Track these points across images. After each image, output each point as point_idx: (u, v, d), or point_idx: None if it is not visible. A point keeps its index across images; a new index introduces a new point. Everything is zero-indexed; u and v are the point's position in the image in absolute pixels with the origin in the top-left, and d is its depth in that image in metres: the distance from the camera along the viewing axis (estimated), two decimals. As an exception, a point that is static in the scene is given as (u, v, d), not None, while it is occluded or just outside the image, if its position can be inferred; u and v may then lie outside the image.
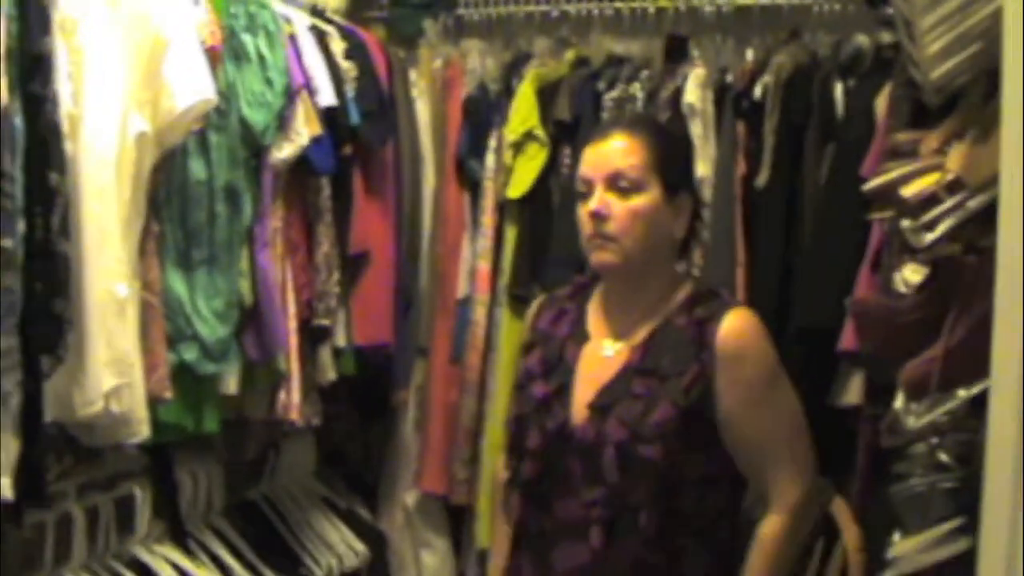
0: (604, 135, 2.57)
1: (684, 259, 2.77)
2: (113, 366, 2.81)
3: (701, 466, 2.46)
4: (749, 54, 3.71)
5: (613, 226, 2.47)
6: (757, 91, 3.54)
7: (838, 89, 3.49)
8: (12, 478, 2.57)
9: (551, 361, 2.63)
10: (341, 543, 3.96)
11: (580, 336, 2.63)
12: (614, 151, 2.51)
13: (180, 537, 3.49)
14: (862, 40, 3.53)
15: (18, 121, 2.55)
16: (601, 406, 2.48)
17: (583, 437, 2.48)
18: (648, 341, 2.51)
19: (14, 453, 2.58)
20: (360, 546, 4.00)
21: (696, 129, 3.59)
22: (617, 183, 2.48)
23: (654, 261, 2.54)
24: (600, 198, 2.48)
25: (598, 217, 2.48)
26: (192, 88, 2.94)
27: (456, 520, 4.23)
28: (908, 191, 2.15)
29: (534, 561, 2.57)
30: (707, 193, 3.56)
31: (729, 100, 3.61)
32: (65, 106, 2.70)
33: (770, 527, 2.49)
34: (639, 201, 2.48)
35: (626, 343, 2.54)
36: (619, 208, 2.47)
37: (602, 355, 2.56)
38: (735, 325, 2.48)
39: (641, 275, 2.54)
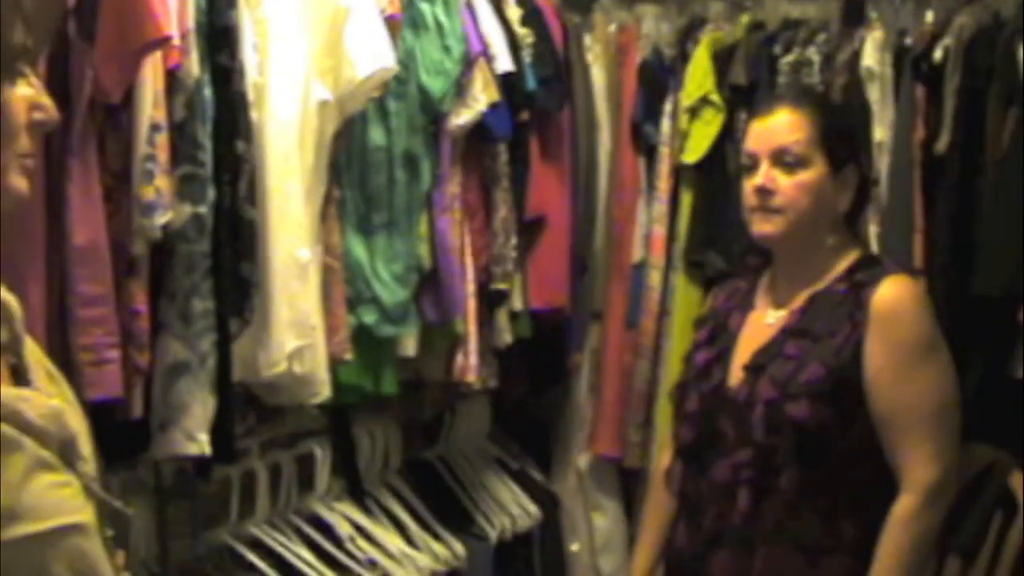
0: (770, 109, 2.57)
1: (853, 230, 2.72)
2: (295, 328, 2.90)
3: (849, 433, 2.43)
4: (929, 16, 3.62)
5: (778, 200, 2.48)
6: (937, 54, 3.46)
7: (1021, 51, 3.40)
8: (208, 434, 2.68)
9: (716, 330, 2.65)
10: (514, 504, 4.01)
11: (746, 306, 2.65)
12: (779, 126, 2.52)
13: (358, 495, 3.58)
14: (1049, -1, 3.43)
15: (207, 92, 2.64)
16: (754, 366, 2.50)
17: (736, 397, 2.50)
18: (806, 305, 2.52)
19: (211, 411, 2.69)
20: (533, 507, 4.05)
21: (874, 93, 3.54)
22: (782, 159, 2.49)
23: (817, 234, 2.53)
24: (765, 173, 2.49)
25: (763, 192, 2.49)
26: (372, 57, 3.00)
27: (628, 483, 4.25)
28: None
29: (688, 524, 2.60)
30: (885, 158, 3.51)
31: (908, 63, 3.54)
32: (251, 76, 2.79)
33: (902, 509, 2.42)
34: (804, 176, 2.48)
35: (787, 309, 2.54)
36: (784, 183, 2.48)
37: (764, 322, 2.58)
38: (892, 289, 2.46)
39: (803, 247, 2.54)
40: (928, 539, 2.48)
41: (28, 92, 1.39)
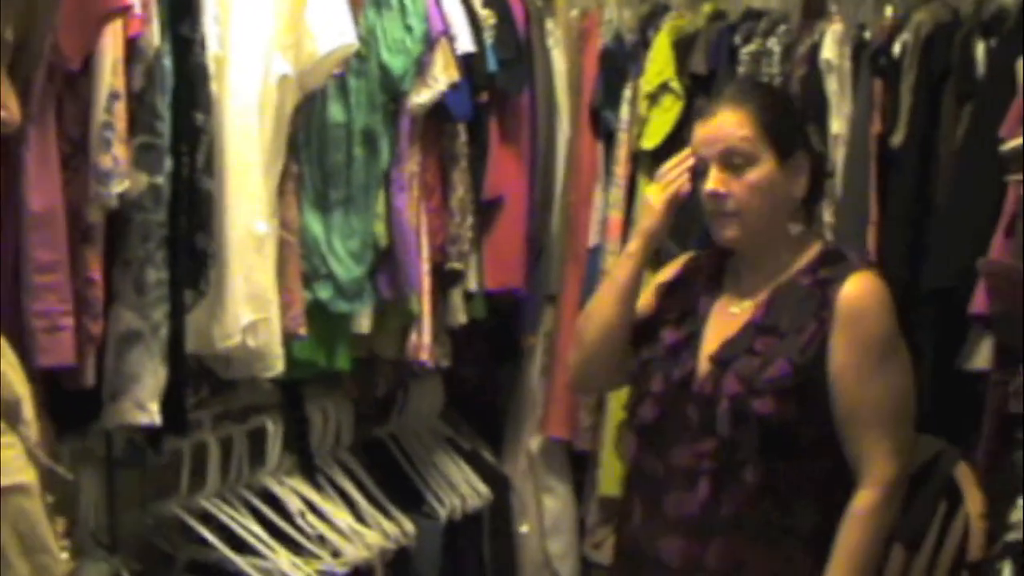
0: (711, 112, 2.56)
1: (811, 215, 2.74)
2: (251, 301, 2.90)
3: (813, 428, 2.45)
4: (888, 10, 3.64)
5: (732, 203, 2.49)
6: (896, 48, 3.49)
7: (979, 48, 3.42)
8: (159, 405, 2.68)
9: (685, 310, 2.66)
10: (465, 484, 4.02)
11: (714, 289, 2.65)
12: (722, 127, 2.52)
13: (309, 471, 3.59)
14: (1006, -2, 3.47)
15: (167, 62, 2.64)
16: (720, 360, 2.50)
17: (701, 390, 2.51)
18: (770, 299, 2.52)
19: (163, 382, 2.69)
20: (483, 488, 4.06)
21: (832, 86, 3.56)
22: (731, 160, 2.49)
23: (777, 225, 2.55)
24: (716, 177, 2.50)
25: (717, 196, 2.50)
26: (334, 33, 3.01)
27: (579, 466, 4.27)
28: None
29: (645, 504, 2.60)
30: (841, 150, 3.54)
31: (866, 57, 3.56)
32: (212, 48, 2.79)
33: (862, 503, 2.44)
34: (755, 174, 2.49)
35: (751, 301, 2.56)
36: (736, 185, 2.49)
37: (729, 311, 2.58)
38: (858, 287, 2.47)
39: (766, 240, 2.55)
40: (885, 533, 2.51)
41: None
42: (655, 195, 2.69)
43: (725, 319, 2.58)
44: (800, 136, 2.65)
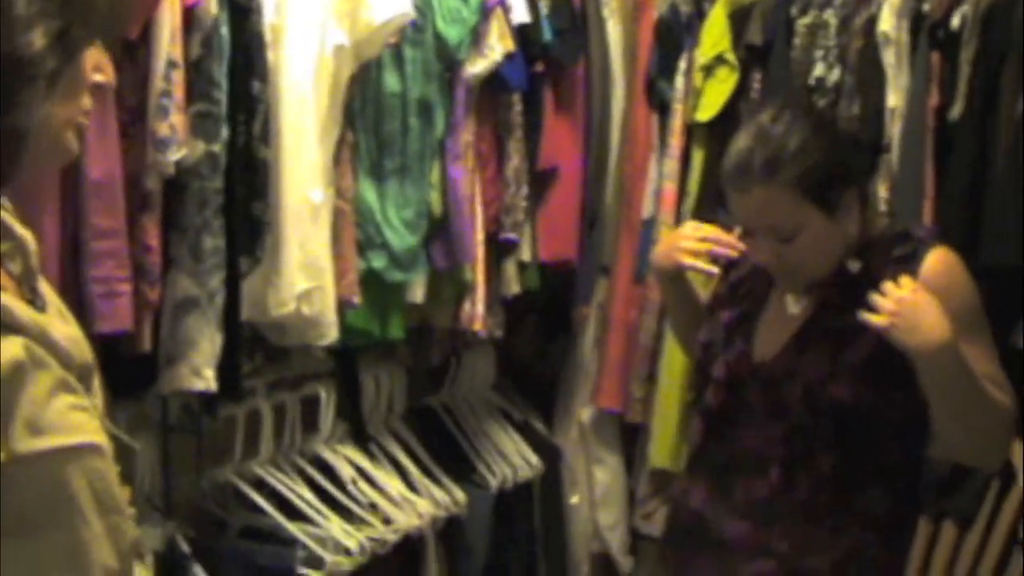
0: (744, 187, 2.36)
1: (864, 196, 2.63)
2: (305, 269, 2.92)
3: (888, 413, 2.40)
4: (948, -18, 3.63)
5: (789, 264, 2.39)
6: (955, 21, 3.45)
7: (1040, 22, 3.40)
8: (214, 371, 2.70)
9: (741, 289, 2.62)
10: (516, 454, 4.04)
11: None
12: (759, 207, 2.36)
13: (361, 438, 3.61)
14: (1069, -30, 3.42)
15: (224, 31, 2.66)
16: (794, 344, 2.45)
17: (772, 372, 2.45)
18: (841, 282, 2.46)
19: (218, 348, 2.71)
20: (534, 458, 4.08)
21: (889, 58, 3.54)
22: (777, 232, 2.36)
23: (838, 259, 2.43)
24: (765, 249, 2.39)
25: (770, 265, 2.43)
26: (390, 3, 3.02)
27: (630, 438, 4.28)
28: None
29: (710, 488, 2.57)
30: (898, 124, 3.52)
31: (925, 29, 3.53)
32: (268, 17, 2.80)
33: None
34: (805, 239, 2.36)
35: (815, 291, 2.46)
36: (787, 250, 2.37)
37: (788, 306, 2.50)
38: (940, 262, 2.39)
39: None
40: (1001, 414, 2.36)
41: (94, 53, 1.41)
42: (678, 253, 2.62)
43: (783, 307, 2.53)
44: (844, 180, 2.43)
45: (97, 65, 1.42)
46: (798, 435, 2.41)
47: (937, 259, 2.40)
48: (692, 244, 2.60)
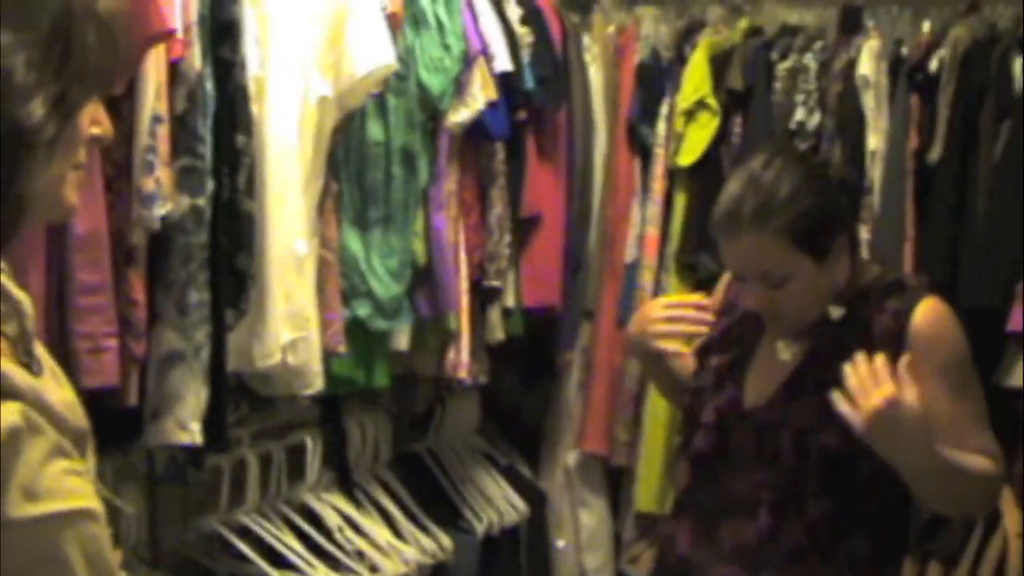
0: (734, 234, 2.37)
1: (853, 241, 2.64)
2: (291, 320, 2.93)
3: (876, 459, 2.39)
4: (925, 26, 3.66)
5: (779, 310, 2.39)
6: (933, 64, 3.50)
7: (1017, 64, 3.42)
8: (200, 424, 2.71)
9: (732, 334, 2.62)
10: (501, 499, 4.04)
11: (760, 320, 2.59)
12: (750, 254, 2.37)
13: (347, 486, 3.61)
14: (1045, 13, 3.46)
15: (209, 85, 2.67)
16: (785, 390, 2.44)
17: (763, 418, 2.45)
18: (833, 329, 2.46)
19: (204, 401, 2.72)
20: (520, 503, 4.07)
21: (869, 102, 3.57)
22: (767, 279, 2.36)
23: (826, 303, 2.43)
24: (755, 295, 2.40)
25: (760, 309, 2.42)
26: (373, 53, 3.03)
27: (615, 481, 4.28)
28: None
29: (697, 532, 2.56)
30: (878, 166, 3.54)
31: (904, 73, 3.57)
32: (252, 70, 2.81)
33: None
34: (795, 285, 2.35)
35: (806, 337, 2.45)
36: (777, 295, 2.37)
37: (778, 351, 2.49)
38: (930, 314, 2.38)
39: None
40: (983, 481, 2.38)
41: (91, 107, 1.42)
42: (649, 338, 2.57)
43: (773, 351, 2.54)
44: (835, 226, 2.42)
45: (94, 118, 1.43)
46: (787, 481, 2.41)
47: (928, 311, 2.40)
48: (662, 327, 2.58)
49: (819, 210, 2.36)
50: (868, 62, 3.61)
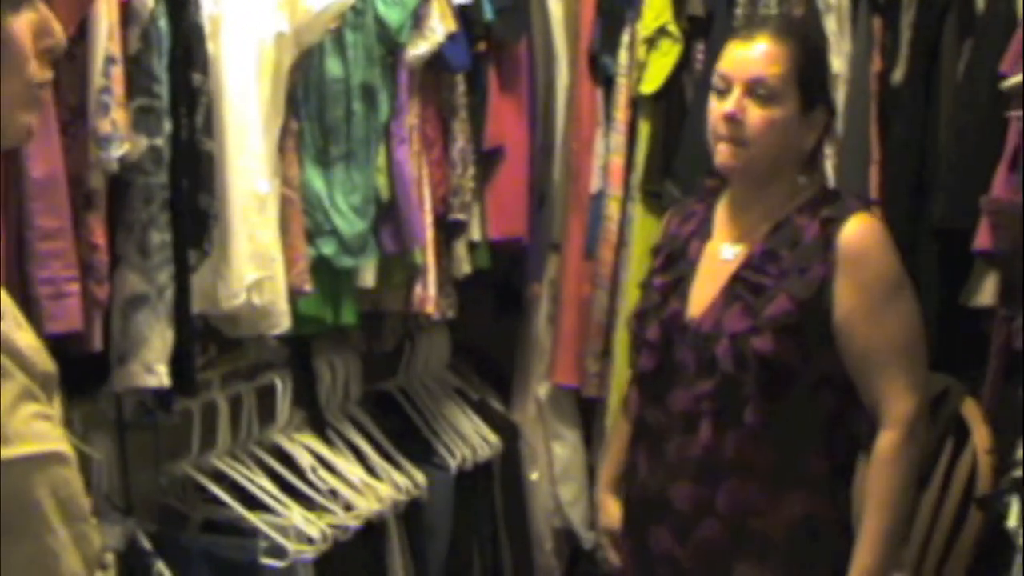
0: (750, 35, 2.49)
1: (815, 165, 2.69)
2: (255, 260, 2.91)
3: (813, 368, 2.43)
4: (887, -54, 3.63)
5: (746, 132, 2.43)
6: (894, -15, 3.48)
7: (979, -17, 3.41)
8: (167, 367, 2.69)
9: (674, 256, 2.64)
10: (474, 434, 4.04)
11: (704, 233, 2.61)
12: (758, 56, 2.44)
13: (319, 426, 3.60)
14: (1007, -68, 3.44)
15: (163, 24, 2.63)
16: (720, 299, 2.49)
17: (698, 328, 2.49)
18: (769, 237, 2.49)
19: (170, 343, 2.70)
20: (493, 437, 4.08)
21: (831, 25, 3.55)
22: (756, 90, 2.42)
23: (780, 170, 2.49)
24: (737, 101, 2.43)
25: (732, 120, 2.44)
26: (329, -13, 2.99)
27: (587, 412, 4.29)
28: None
29: (649, 453, 2.60)
30: (841, 90, 3.53)
31: (865, -6, 3.55)
32: (207, 8, 2.77)
33: (886, 445, 2.42)
34: (775, 112, 2.42)
35: (747, 242, 2.52)
36: (755, 115, 2.42)
37: (721, 254, 2.55)
38: (858, 229, 2.43)
39: (765, 181, 2.50)
40: (914, 471, 2.48)
41: (34, 17, 1.37)
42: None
43: (718, 260, 2.55)
44: (825, 91, 2.60)
45: (42, 29, 1.38)
46: (725, 390, 2.44)
47: (855, 225, 2.44)
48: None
49: (822, 59, 2.63)
50: (830, -16, 3.59)
